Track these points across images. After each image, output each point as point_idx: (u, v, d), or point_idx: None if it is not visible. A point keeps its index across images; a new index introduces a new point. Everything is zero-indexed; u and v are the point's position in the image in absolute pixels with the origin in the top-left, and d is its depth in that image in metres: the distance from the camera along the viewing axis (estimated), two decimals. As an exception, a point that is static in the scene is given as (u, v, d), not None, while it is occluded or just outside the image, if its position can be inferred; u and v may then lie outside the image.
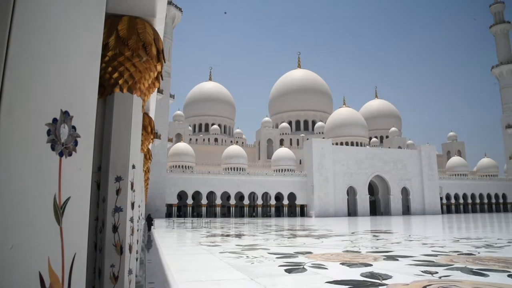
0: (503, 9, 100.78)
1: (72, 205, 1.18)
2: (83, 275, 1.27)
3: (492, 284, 4.31)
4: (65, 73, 1.17)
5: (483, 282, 4.49)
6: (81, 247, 1.25)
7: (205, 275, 5.82)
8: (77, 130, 1.22)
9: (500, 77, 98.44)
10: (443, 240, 11.21)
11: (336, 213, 71.10)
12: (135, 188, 2.92)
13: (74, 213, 1.19)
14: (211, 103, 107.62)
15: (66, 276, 1.13)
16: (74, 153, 1.20)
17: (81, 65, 1.30)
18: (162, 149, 65.98)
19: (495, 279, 4.67)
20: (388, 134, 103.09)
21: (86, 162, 1.31)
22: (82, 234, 1.28)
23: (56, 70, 1.12)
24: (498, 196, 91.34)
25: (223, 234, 17.26)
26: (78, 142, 1.23)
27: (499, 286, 4.18)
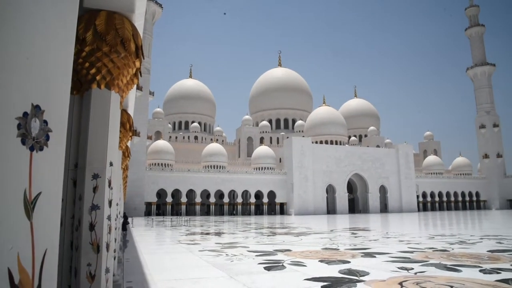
0: (477, 12, 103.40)
1: (43, 201, 1.15)
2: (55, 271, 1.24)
3: (465, 279, 4.43)
4: (36, 67, 1.14)
5: (456, 277, 4.61)
6: (52, 243, 1.22)
7: (184, 273, 5.79)
8: (49, 124, 1.19)
9: (474, 78, 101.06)
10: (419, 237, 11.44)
11: (316, 211, 71.77)
12: (112, 186, 2.87)
13: (45, 208, 1.17)
14: (191, 101, 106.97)
15: (37, 273, 1.10)
16: (45, 148, 1.17)
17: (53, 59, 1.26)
18: (141, 146, 65.17)
19: (468, 274, 4.80)
20: (367, 133, 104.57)
21: (58, 157, 1.29)
22: (53, 230, 1.25)
23: (26, 64, 1.09)
24: (471, 194, 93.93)
25: (203, 232, 17.19)
26: (49, 137, 1.20)
27: (471, 281, 4.29)
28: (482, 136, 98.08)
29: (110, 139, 2.79)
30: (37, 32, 1.15)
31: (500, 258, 6.36)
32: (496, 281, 4.33)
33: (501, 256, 6.63)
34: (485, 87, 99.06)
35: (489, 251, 7.40)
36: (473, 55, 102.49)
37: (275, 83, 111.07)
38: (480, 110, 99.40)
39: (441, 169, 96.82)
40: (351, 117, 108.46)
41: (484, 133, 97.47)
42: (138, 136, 62.93)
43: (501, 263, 5.76)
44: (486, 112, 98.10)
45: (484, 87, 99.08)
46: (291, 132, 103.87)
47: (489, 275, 4.69)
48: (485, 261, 5.95)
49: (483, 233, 13.15)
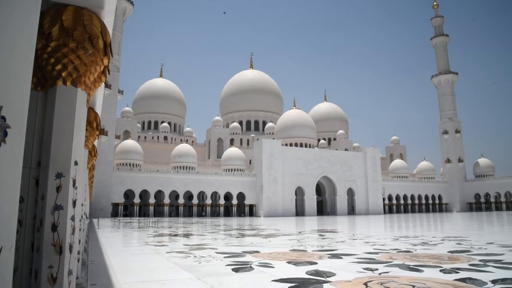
0: (442, 23, 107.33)
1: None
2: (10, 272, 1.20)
3: (426, 279, 4.57)
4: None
5: (418, 277, 4.75)
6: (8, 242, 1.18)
7: (151, 275, 5.70)
8: (7, 120, 1.16)
9: (438, 86, 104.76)
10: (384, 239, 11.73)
11: (284, 213, 72.27)
12: (77, 186, 2.80)
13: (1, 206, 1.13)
14: (161, 101, 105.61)
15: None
16: (3, 144, 1.14)
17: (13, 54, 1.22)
18: (109, 146, 63.70)
19: (429, 274, 4.96)
20: (335, 136, 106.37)
21: (17, 154, 1.25)
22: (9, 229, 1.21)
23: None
24: (434, 197, 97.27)
25: (171, 233, 16.98)
26: (8, 133, 1.16)
27: (432, 280, 4.44)
28: (445, 141, 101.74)
29: (76, 137, 2.72)
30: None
31: (459, 258, 6.61)
32: (455, 280, 4.50)
33: (460, 256, 6.89)
34: (448, 95, 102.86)
35: (449, 252, 7.67)
36: (437, 63, 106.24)
37: (246, 84, 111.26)
38: (443, 117, 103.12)
39: (406, 173, 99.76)
40: (320, 120, 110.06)
41: (447, 139, 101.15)
42: (106, 135, 61.51)
43: (460, 263, 5.99)
44: (449, 118, 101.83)
45: (448, 94, 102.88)
46: (261, 134, 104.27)
47: (448, 275, 4.87)
48: (445, 261, 6.17)
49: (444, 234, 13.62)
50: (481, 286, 4.16)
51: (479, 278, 4.61)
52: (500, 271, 5.17)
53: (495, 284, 4.25)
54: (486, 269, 5.29)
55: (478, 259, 6.47)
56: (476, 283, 4.32)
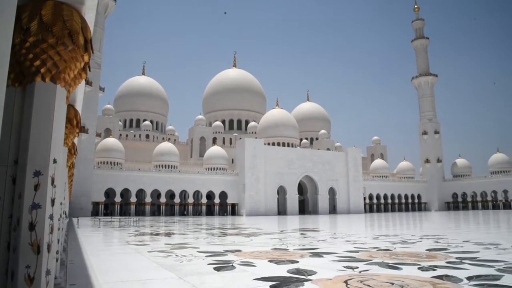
0: (423, 25, 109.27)
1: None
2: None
3: (405, 276, 4.66)
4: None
5: (397, 274, 4.84)
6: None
7: (132, 275, 5.65)
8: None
9: (418, 87, 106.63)
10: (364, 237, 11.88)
11: (267, 212, 72.47)
12: (56, 184, 2.75)
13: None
14: (143, 98, 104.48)
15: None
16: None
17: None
18: (90, 144, 62.73)
19: (407, 271, 5.05)
20: (318, 136, 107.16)
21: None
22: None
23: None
24: (414, 197, 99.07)
25: (152, 233, 16.84)
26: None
27: (410, 278, 4.53)
28: (424, 142, 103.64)
29: (55, 135, 2.67)
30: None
31: (436, 256, 6.75)
32: (432, 277, 4.60)
33: (438, 254, 7.03)
34: (428, 96, 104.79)
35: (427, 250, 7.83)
36: (418, 65, 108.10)
37: (230, 83, 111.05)
38: (423, 118, 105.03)
39: (387, 173, 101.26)
40: (303, 120, 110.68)
41: (426, 139, 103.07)
42: (86, 133, 60.57)
43: (437, 260, 6.12)
44: (428, 119, 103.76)
45: (427, 96, 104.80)
46: (244, 133, 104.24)
47: (426, 272, 4.97)
48: (423, 259, 6.29)
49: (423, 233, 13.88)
50: (457, 282, 4.26)
51: (455, 275, 4.72)
52: (475, 268, 5.31)
53: (470, 280, 4.36)
54: (462, 266, 5.43)
55: (454, 256, 6.62)
56: (452, 280, 4.43)
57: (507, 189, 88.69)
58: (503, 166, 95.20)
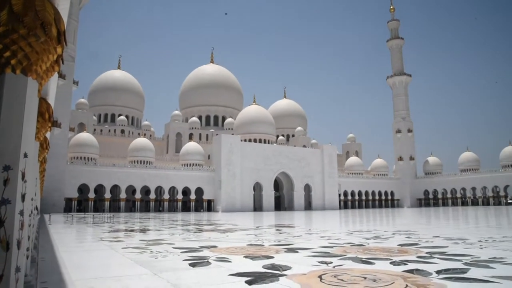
0: (398, 26, 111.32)
1: None
2: None
3: (377, 271, 4.76)
4: None
5: (370, 269, 4.94)
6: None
7: (106, 271, 5.57)
8: None
9: (393, 87, 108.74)
10: (339, 233, 12.06)
11: (243, 208, 72.59)
12: (26, 179, 2.68)
13: None
14: (119, 93, 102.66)
15: None
16: None
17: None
18: (63, 139, 61.24)
19: (380, 266, 5.17)
20: (294, 133, 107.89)
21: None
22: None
23: None
24: (387, 193, 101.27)
25: (127, 229, 16.62)
26: None
27: (383, 272, 4.63)
28: (398, 140, 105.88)
29: (25, 128, 2.61)
30: None
31: (408, 251, 6.93)
32: (403, 271, 4.72)
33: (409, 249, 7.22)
34: (402, 95, 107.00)
35: (399, 245, 8.02)
36: (392, 65, 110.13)
37: (207, 79, 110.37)
38: (397, 116, 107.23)
39: (361, 170, 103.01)
40: (279, 116, 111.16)
41: (400, 137, 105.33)
42: (59, 127, 59.10)
43: (408, 255, 6.29)
44: (402, 118, 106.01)
45: (401, 95, 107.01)
46: (221, 129, 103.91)
47: (398, 266, 5.10)
48: (395, 254, 6.45)
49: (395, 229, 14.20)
50: (427, 276, 4.40)
51: (425, 269, 4.87)
52: (444, 262, 5.48)
53: (439, 274, 4.50)
54: (431, 261, 5.59)
55: (425, 251, 6.81)
56: (422, 273, 4.56)
57: (475, 187, 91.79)
58: (472, 164, 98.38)
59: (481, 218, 23.45)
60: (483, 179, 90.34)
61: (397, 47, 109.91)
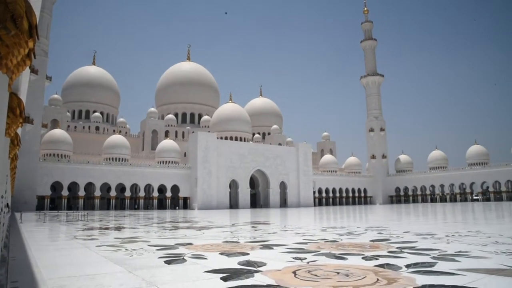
0: (371, 27, 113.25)
1: None
2: None
3: (350, 266, 4.89)
4: None
5: (343, 264, 5.06)
6: None
7: (79, 270, 5.48)
8: None
9: (366, 86, 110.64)
10: (313, 230, 12.23)
11: (219, 206, 72.47)
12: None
13: None
14: (94, 89, 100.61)
15: None
16: None
17: None
18: (35, 135, 59.58)
19: (352, 261, 5.30)
20: (270, 131, 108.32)
21: None
22: None
23: None
24: (360, 191, 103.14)
25: (102, 227, 16.36)
26: None
27: (355, 267, 4.76)
28: (371, 138, 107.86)
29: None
30: None
31: (379, 246, 7.11)
32: (375, 266, 4.86)
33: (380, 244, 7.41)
34: (375, 95, 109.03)
35: (371, 241, 8.22)
36: (366, 65, 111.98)
37: (183, 76, 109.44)
38: (370, 115, 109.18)
39: (336, 168, 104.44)
40: (255, 115, 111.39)
41: (373, 136, 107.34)
42: (31, 123, 57.43)
43: (379, 250, 6.46)
44: (375, 117, 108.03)
45: (374, 95, 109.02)
46: (197, 127, 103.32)
47: (369, 261, 5.24)
48: (367, 250, 6.61)
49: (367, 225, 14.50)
50: (397, 270, 4.54)
51: (396, 263, 5.02)
52: (413, 256, 5.67)
53: (408, 268, 4.66)
54: (402, 255, 5.77)
55: (395, 246, 7.01)
56: (392, 268, 4.71)
57: (443, 184, 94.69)
58: (441, 163, 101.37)
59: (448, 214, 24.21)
60: (451, 176, 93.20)
61: (370, 48, 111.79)
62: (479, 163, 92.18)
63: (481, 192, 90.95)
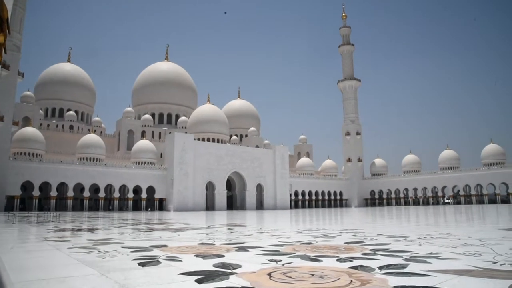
0: (349, 33, 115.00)
1: None
2: None
3: (324, 268, 4.95)
4: None
5: (318, 266, 5.12)
6: None
7: (49, 272, 5.35)
8: None
9: (343, 90, 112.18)
10: (289, 232, 12.30)
11: (195, 207, 71.99)
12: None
13: None
14: (68, 87, 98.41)
15: None
16: None
17: None
18: (5, 133, 57.84)
19: (327, 263, 5.36)
20: (247, 133, 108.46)
21: None
22: None
23: None
24: (336, 193, 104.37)
25: (74, 228, 15.99)
26: None
27: (329, 269, 4.82)
28: (347, 142, 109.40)
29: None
30: None
31: (353, 248, 7.22)
32: (349, 268, 4.94)
33: (355, 246, 7.52)
34: (351, 99, 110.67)
35: (346, 243, 8.33)
36: (343, 69, 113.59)
37: (161, 76, 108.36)
38: (346, 119, 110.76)
39: (312, 170, 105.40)
40: (233, 116, 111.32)
41: (349, 140, 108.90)
42: (2, 120, 55.80)
43: (354, 252, 6.56)
44: (351, 121, 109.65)
45: (351, 99, 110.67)
46: (174, 127, 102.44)
47: (344, 263, 5.31)
48: (342, 252, 6.70)
49: (342, 227, 14.68)
50: (370, 272, 4.62)
51: (369, 265, 5.11)
52: (386, 258, 5.78)
53: (381, 269, 4.75)
54: (375, 257, 5.87)
55: (369, 248, 7.13)
56: (366, 269, 4.79)
57: (416, 187, 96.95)
58: (414, 167, 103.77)
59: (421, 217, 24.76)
60: (424, 180, 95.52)
61: (348, 52, 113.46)
62: (451, 167, 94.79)
63: (452, 196, 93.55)
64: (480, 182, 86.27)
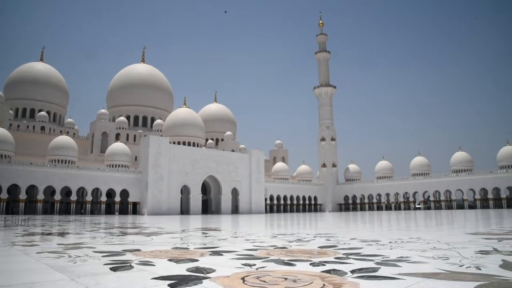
0: (326, 40, 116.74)
1: None
2: None
3: (298, 272, 5.00)
4: None
5: (292, 270, 5.17)
6: None
7: (17, 278, 5.19)
8: None
9: (319, 97, 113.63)
10: (263, 236, 12.33)
11: (169, 211, 71.21)
12: None
13: None
14: (40, 87, 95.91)
15: None
16: None
17: None
18: (-30, 133, 55.69)
19: (301, 267, 5.42)
20: (223, 137, 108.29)
21: None
22: None
23: None
24: (311, 198, 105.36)
25: (44, 232, 15.55)
26: None
27: (303, 273, 4.88)
28: (322, 147, 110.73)
29: None
30: None
31: (326, 252, 7.32)
32: (322, 271, 5.01)
33: (328, 251, 7.62)
34: (327, 105, 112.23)
35: (319, 247, 8.42)
36: (319, 76, 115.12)
37: (137, 78, 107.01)
38: (322, 125, 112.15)
39: (287, 175, 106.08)
40: (209, 120, 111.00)
41: (324, 145, 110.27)
42: (-34, 121, 53.66)
43: (327, 256, 6.65)
44: (326, 127, 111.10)
45: (326, 105, 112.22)
46: (150, 130, 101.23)
47: (317, 267, 5.38)
48: (315, 256, 6.78)
49: (316, 232, 14.83)
50: (342, 275, 4.70)
51: (342, 269, 5.19)
52: (358, 262, 5.88)
53: (353, 273, 4.84)
54: (347, 261, 5.97)
55: (342, 253, 7.24)
56: (338, 273, 4.87)
57: (389, 193, 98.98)
58: (387, 172, 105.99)
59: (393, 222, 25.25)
60: (396, 186, 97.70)
61: (324, 59, 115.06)
62: (422, 173, 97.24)
63: (423, 201, 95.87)
64: (449, 188, 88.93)
